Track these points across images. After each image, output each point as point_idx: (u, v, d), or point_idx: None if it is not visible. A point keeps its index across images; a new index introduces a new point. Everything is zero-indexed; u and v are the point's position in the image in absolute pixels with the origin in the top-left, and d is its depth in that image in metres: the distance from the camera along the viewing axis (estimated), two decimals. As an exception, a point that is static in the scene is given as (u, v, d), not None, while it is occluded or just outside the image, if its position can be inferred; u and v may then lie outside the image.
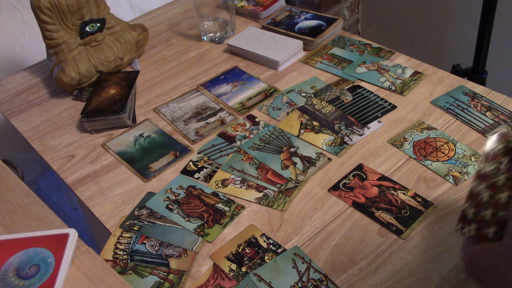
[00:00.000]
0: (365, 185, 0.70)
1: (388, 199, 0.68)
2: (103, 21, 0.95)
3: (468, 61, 1.35)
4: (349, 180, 0.71)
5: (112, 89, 0.90)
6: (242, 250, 0.64)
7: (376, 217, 0.66)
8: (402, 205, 0.67)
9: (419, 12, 1.69)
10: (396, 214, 0.66)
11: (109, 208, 0.72)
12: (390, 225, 0.64)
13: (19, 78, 1.03)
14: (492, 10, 1.20)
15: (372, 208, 0.67)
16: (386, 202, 0.67)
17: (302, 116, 0.84)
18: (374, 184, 0.70)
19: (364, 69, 0.93)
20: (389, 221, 0.65)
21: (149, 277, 0.62)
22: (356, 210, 0.67)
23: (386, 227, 0.64)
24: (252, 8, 1.13)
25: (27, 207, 0.62)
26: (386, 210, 0.66)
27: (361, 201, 0.68)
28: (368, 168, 0.73)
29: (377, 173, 0.72)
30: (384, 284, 0.58)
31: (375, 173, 0.72)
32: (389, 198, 0.68)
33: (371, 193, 0.69)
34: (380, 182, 0.71)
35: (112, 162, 0.80)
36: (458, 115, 0.81)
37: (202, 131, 0.84)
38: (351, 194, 0.69)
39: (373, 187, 0.70)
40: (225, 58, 1.02)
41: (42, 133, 0.88)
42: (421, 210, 0.66)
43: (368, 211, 0.67)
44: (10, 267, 0.54)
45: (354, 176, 0.72)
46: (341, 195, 0.69)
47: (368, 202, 0.68)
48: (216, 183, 0.74)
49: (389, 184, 0.70)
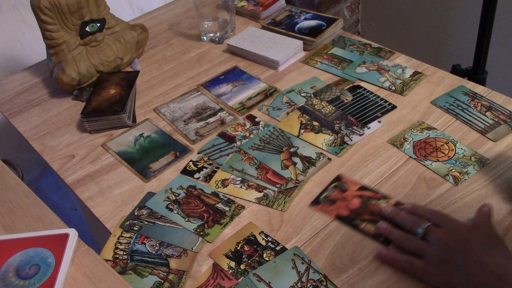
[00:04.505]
0: (346, 196, 0.69)
1: (371, 210, 0.67)
2: (103, 21, 0.95)
3: (468, 61, 1.35)
4: (330, 193, 0.70)
5: (112, 89, 0.90)
6: (241, 248, 0.64)
7: (361, 230, 0.64)
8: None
9: (419, 12, 1.68)
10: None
11: (109, 208, 0.72)
12: (377, 236, 0.63)
13: (19, 78, 1.03)
14: (492, 10, 1.20)
15: (356, 220, 0.66)
16: (369, 213, 0.66)
17: (302, 116, 0.84)
18: (355, 195, 0.69)
19: (364, 69, 0.93)
20: (375, 233, 0.64)
21: (149, 277, 0.62)
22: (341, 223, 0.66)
23: (373, 239, 0.63)
24: (252, 8, 1.13)
25: (27, 207, 0.62)
26: (371, 221, 0.65)
27: (345, 214, 0.67)
28: (347, 178, 0.72)
29: (357, 183, 0.71)
30: (384, 284, 0.58)
31: (355, 183, 0.71)
32: (371, 208, 0.67)
33: (353, 205, 0.68)
34: (361, 192, 0.70)
35: (112, 162, 0.80)
36: (458, 115, 0.80)
37: (202, 131, 0.84)
38: (334, 207, 0.68)
39: (355, 198, 0.69)
40: (225, 58, 1.02)
41: (42, 133, 0.88)
42: None
43: (353, 224, 0.65)
44: (10, 267, 0.54)
45: (334, 188, 0.71)
46: (323, 209, 0.68)
47: (352, 214, 0.67)
48: (216, 183, 0.74)
49: (370, 194, 0.69)
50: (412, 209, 0.64)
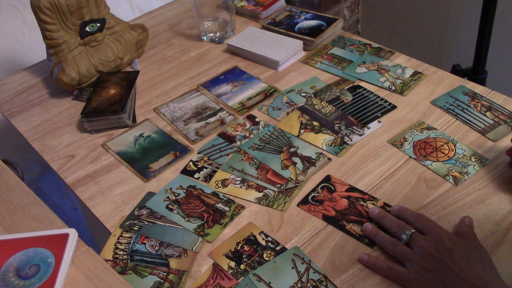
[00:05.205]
0: (334, 197, 0.69)
1: (358, 211, 0.67)
2: (103, 21, 0.95)
3: (468, 61, 1.35)
4: (318, 193, 0.70)
5: (112, 89, 0.90)
6: (241, 248, 0.64)
7: (347, 230, 0.65)
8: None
9: (419, 12, 1.69)
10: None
11: (109, 208, 0.72)
12: (362, 238, 0.64)
13: (19, 78, 1.03)
14: (492, 10, 1.20)
15: (342, 221, 0.66)
16: (356, 214, 0.67)
17: (302, 116, 0.84)
18: (343, 195, 0.69)
19: (364, 69, 0.93)
20: (360, 233, 0.64)
21: (149, 277, 0.62)
22: (327, 223, 0.66)
23: (359, 240, 0.63)
24: (252, 8, 1.13)
25: (27, 207, 0.62)
26: (357, 222, 0.66)
27: (331, 214, 0.67)
28: (336, 179, 0.72)
29: (345, 184, 0.71)
30: (384, 284, 0.58)
31: (343, 184, 0.71)
32: (359, 209, 0.67)
33: (340, 206, 0.68)
34: (349, 193, 0.70)
35: (112, 162, 0.80)
36: (458, 115, 0.80)
37: (202, 131, 0.84)
38: (321, 208, 0.68)
39: (342, 199, 0.69)
40: (225, 58, 1.02)
41: (42, 133, 0.88)
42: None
43: (339, 224, 0.66)
44: (10, 267, 0.54)
45: (322, 188, 0.71)
46: (310, 209, 0.68)
47: (338, 215, 0.67)
48: (216, 183, 0.74)
49: (358, 195, 0.69)
50: (399, 212, 0.64)
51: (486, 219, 0.64)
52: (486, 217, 0.64)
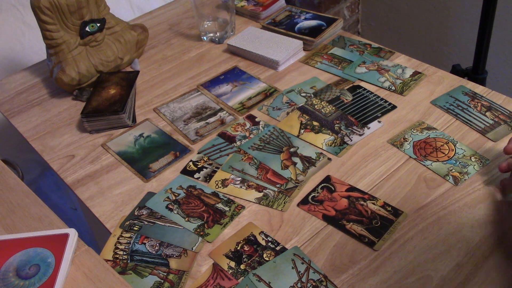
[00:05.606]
0: (334, 197, 0.69)
1: (358, 210, 0.67)
2: (103, 21, 0.95)
3: (468, 61, 1.35)
4: (318, 193, 0.70)
5: (112, 89, 0.90)
6: (241, 248, 0.64)
7: (347, 230, 0.65)
8: (373, 215, 0.66)
9: (419, 12, 1.69)
10: (367, 225, 0.65)
11: (109, 208, 0.72)
12: (362, 237, 0.64)
13: (19, 78, 1.03)
14: (492, 10, 1.20)
15: (342, 221, 0.66)
16: (356, 213, 0.67)
17: (302, 116, 0.84)
18: (343, 195, 0.69)
19: (364, 69, 0.93)
20: (360, 233, 0.64)
21: (149, 277, 0.62)
22: (327, 223, 0.66)
23: (359, 239, 0.63)
24: (252, 8, 1.13)
25: (27, 207, 0.62)
26: (357, 221, 0.66)
27: (331, 214, 0.67)
28: (336, 179, 0.72)
29: (345, 184, 0.71)
30: (384, 284, 0.58)
31: (343, 184, 0.71)
32: (359, 209, 0.67)
33: (340, 205, 0.68)
34: (349, 193, 0.70)
35: (112, 162, 0.80)
36: (458, 115, 0.81)
37: (202, 131, 0.84)
38: (321, 208, 0.68)
39: (342, 198, 0.69)
40: (225, 58, 1.02)
41: (42, 133, 0.88)
42: (392, 219, 0.65)
43: (339, 224, 0.66)
44: (10, 267, 0.54)
45: (322, 188, 0.71)
46: (310, 209, 0.68)
47: (338, 215, 0.67)
48: (216, 183, 0.74)
49: (358, 195, 0.69)
50: None
51: (486, 219, 0.64)
52: (486, 217, 0.64)
